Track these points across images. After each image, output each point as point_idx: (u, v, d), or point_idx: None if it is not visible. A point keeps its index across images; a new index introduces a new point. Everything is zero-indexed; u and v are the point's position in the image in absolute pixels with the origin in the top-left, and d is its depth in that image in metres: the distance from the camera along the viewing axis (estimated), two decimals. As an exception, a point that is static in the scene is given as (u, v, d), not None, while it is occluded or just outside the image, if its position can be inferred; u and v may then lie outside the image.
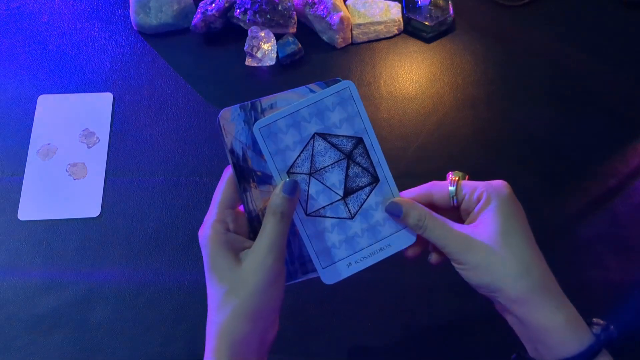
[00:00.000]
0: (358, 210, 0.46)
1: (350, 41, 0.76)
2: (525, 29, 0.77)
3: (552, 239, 0.63)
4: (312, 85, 0.46)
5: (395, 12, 0.76)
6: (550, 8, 0.78)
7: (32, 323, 0.59)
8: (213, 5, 0.74)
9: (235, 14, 0.74)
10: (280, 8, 0.73)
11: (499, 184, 0.44)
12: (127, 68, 0.74)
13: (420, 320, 0.59)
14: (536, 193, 0.65)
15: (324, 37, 0.76)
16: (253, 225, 0.46)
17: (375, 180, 0.46)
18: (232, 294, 0.41)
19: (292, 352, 0.58)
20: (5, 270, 0.62)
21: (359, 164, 0.46)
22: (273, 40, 0.73)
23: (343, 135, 0.46)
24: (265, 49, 0.73)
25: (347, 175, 0.46)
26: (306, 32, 0.76)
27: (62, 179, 0.67)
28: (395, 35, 0.77)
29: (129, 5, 0.77)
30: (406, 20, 0.76)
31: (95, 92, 0.73)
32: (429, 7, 0.76)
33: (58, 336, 0.59)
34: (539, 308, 0.41)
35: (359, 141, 0.46)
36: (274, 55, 0.73)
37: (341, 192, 0.46)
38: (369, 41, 0.76)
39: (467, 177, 0.46)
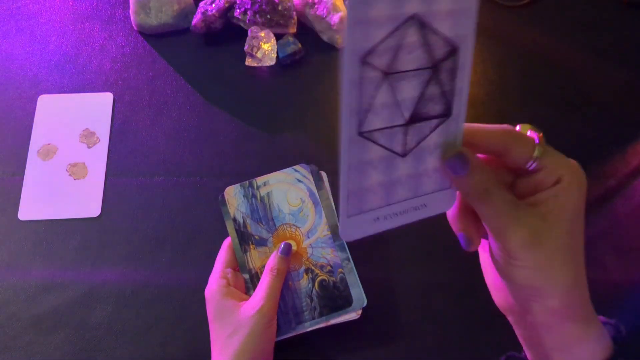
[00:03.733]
0: (414, 146, 0.32)
1: (350, 41, 0.76)
2: (525, 29, 0.77)
3: (552, 239, 0.63)
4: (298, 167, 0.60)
5: (395, 12, 0.76)
6: (550, 8, 0.78)
7: (32, 323, 0.59)
8: (213, 5, 0.74)
9: (235, 14, 0.74)
10: (280, 8, 0.73)
11: (579, 171, 0.35)
12: (127, 68, 0.74)
13: (419, 320, 0.59)
14: (536, 193, 0.65)
15: (324, 37, 0.76)
16: (252, 281, 0.55)
17: (447, 113, 0.32)
18: (235, 335, 0.50)
19: (290, 349, 0.58)
20: (5, 270, 0.62)
21: (440, 84, 0.31)
22: (273, 40, 0.73)
23: (442, 34, 0.30)
24: (265, 49, 0.72)
25: (422, 94, 0.31)
26: (306, 32, 0.76)
27: (62, 179, 0.67)
28: (395, 35, 0.77)
29: (129, 6, 0.77)
30: (406, 20, 0.76)
31: (95, 92, 0.73)
32: (429, 7, 0.76)
33: (58, 336, 0.59)
34: (575, 320, 0.35)
35: (454, 51, 0.31)
36: (274, 55, 0.73)
37: (407, 115, 0.31)
38: (369, 41, 0.76)
39: (530, 131, 0.35)
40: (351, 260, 0.57)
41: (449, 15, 0.30)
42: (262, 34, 0.72)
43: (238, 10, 0.73)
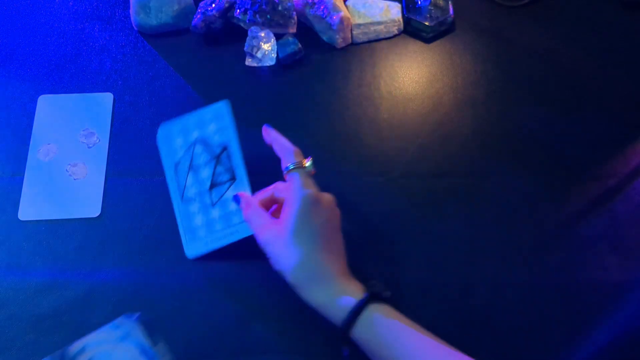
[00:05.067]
0: (218, 200, 0.60)
1: (350, 41, 0.76)
2: (525, 29, 0.77)
3: (552, 239, 0.63)
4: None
5: (395, 12, 0.76)
6: (550, 8, 0.78)
7: (32, 323, 0.59)
8: (213, 5, 0.74)
9: (235, 14, 0.74)
10: (280, 8, 0.73)
11: (300, 195, 0.54)
12: (127, 68, 0.75)
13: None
14: (536, 193, 0.65)
15: (324, 37, 0.76)
16: None
17: (233, 178, 0.60)
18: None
19: (292, 349, 0.58)
20: (5, 270, 0.62)
21: (223, 165, 0.60)
22: (273, 40, 0.73)
23: (214, 142, 0.61)
24: (265, 49, 0.73)
25: (214, 173, 0.60)
26: (306, 32, 0.76)
27: (62, 179, 0.67)
28: (395, 36, 0.77)
29: (129, 6, 0.77)
30: (406, 20, 0.76)
31: (95, 92, 0.73)
32: (429, 7, 0.76)
33: (58, 336, 0.58)
34: (311, 291, 0.53)
35: (226, 148, 0.60)
36: (274, 55, 0.73)
37: (208, 185, 0.61)
38: (369, 41, 0.76)
39: (305, 161, 0.57)
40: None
41: (216, 132, 0.62)
42: (262, 34, 0.73)
43: (238, 10, 0.74)
